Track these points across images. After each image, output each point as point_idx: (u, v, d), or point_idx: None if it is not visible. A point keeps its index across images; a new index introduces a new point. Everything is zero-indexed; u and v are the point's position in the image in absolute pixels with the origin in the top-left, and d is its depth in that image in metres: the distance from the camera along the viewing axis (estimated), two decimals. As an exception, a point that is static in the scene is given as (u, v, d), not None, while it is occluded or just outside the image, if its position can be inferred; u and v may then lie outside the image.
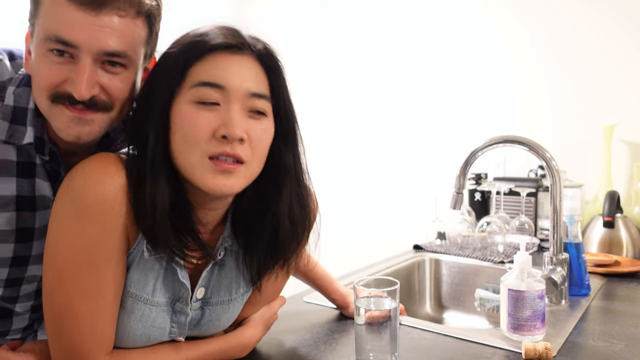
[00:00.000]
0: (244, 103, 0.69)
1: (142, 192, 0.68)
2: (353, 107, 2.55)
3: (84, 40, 0.69)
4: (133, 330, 0.72)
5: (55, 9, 0.69)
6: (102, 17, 0.69)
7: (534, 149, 1.15)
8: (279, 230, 0.77)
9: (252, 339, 0.85)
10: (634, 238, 1.57)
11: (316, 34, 2.68)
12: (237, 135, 0.66)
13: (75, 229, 0.66)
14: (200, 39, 0.69)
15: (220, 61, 0.69)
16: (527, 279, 0.92)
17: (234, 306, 0.83)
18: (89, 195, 0.66)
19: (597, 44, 1.89)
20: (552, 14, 1.98)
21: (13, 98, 0.77)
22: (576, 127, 1.94)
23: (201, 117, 0.67)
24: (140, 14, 0.73)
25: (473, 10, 2.18)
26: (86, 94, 0.70)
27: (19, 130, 0.77)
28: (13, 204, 0.78)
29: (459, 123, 2.22)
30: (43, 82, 0.71)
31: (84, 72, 0.69)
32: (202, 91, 0.67)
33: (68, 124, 0.72)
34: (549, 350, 0.84)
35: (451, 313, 1.56)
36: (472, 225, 1.74)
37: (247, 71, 0.70)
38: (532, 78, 2.04)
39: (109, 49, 0.70)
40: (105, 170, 0.67)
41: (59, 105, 0.72)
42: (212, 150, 0.67)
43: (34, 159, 0.79)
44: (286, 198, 0.76)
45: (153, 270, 0.73)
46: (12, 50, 0.81)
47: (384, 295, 0.79)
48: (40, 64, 0.71)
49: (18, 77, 0.79)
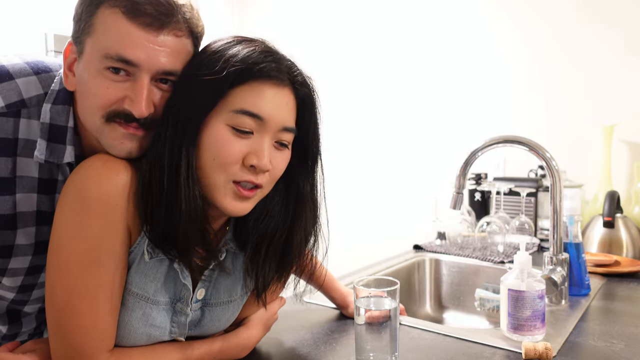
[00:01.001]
0: (275, 135, 0.72)
1: (159, 196, 0.69)
2: (353, 108, 2.55)
3: (144, 59, 0.69)
4: (134, 328, 0.73)
5: (114, 28, 0.69)
6: (162, 36, 0.70)
7: (534, 149, 1.15)
8: (288, 252, 0.80)
9: (251, 339, 0.85)
10: (634, 238, 1.57)
11: (314, 36, 2.68)
12: (267, 167, 0.70)
13: (78, 223, 0.66)
14: (246, 66, 0.69)
15: (263, 91, 0.70)
16: (527, 279, 0.92)
17: (233, 307, 0.84)
18: (93, 190, 0.66)
19: (597, 44, 1.89)
20: (552, 13, 1.98)
21: (49, 115, 0.77)
22: (576, 127, 1.94)
23: (235, 144, 0.69)
24: (192, 34, 0.75)
25: (473, 9, 2.18)
26: (146, 112, 0.71)
27: (57, 148, 0.77)
28: (33, 220, 0.79)
29: (459, 123, 2.22)
30: (100, 101, 0.71)
31: (143, 90, 0.70)
32: (241, 119, 0.69)
33: (122, 140, 0.72)
34: (549, 350, 0.84)
35: (451, 313, 1.56)
36: (472, 225, 1.74)
37: (285, 105, 0.72)
38: (532, 78, 2.04)
39: (166, 69, 0.71)
40: (110, 166, 0.69)
41: (112, 124, 0.72)
42: (239, 176, 0.69)
43: (55, 175, 0.80)
44: (299, 224, 0.79)
45: (154, 270, 0.73)
46: (36, 63, 0.80)
47: (384, 295, 0.79)
48: (95, 82, 0.71)
49: (53, 94, 0.78)
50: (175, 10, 0.71)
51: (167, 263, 0.74)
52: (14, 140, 0.76)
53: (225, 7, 2.93)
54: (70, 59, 0.75)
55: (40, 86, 0.78)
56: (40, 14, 2.16)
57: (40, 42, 2.18)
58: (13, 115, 0.75)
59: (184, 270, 0.74)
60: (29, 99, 0.77)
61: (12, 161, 0.76)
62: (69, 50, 0.76)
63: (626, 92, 1.84)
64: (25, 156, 0.77)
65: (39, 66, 0.80)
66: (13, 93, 0.76)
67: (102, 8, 0.70)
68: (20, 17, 2.13)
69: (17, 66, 0.78)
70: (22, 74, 0.77)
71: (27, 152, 0.77)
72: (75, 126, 0.78)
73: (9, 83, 0.76)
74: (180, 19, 0.71)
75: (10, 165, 0.76)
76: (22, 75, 0.77)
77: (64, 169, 0.79)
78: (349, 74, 2.56)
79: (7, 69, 0.77)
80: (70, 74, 0.76)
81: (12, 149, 0.76)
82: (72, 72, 0.75)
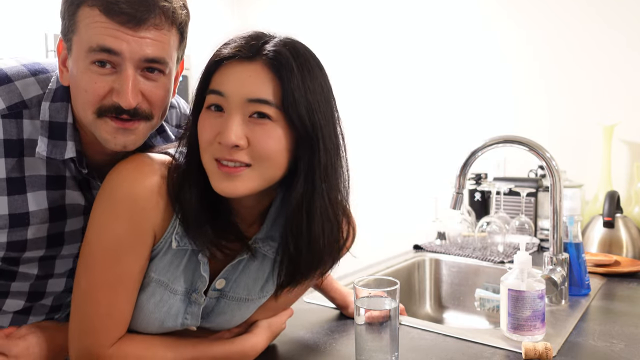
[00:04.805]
0: (244, 109, 0.69)
1: (182, 191, 0.73)
2: (353, 107, 2.55)
3: (126, 47, 0.71)
4: (149, 313, 0.76)
5: (94, 24, 0.71)
6: (142, 32, 0.72)
7: (534, 149, 1.15)
8: (291, 244, 0.75)
9: (255, 347, 0.84)
10: (634, 238, 1.57)
11: (313, 35, 2.68)
12: (231, 142, 0.67)
13: (106, 223, 0.72)
14: (218, 51, 0.72)
15: (227, 70, 0.70)
16: (527, 279, 0.92)
17: (249, 307, 0.84)
18: (122, 193, 0.71)
19: (597, 44, 1.89)
20: (552, 13, 1.98)
21: (49, 113, 0.78)
22: (576, 127, 1.94)
23: (207, 124, 0.71)
24: (174, 24, 0.76)
25: (473, 9, 2.18)
26: (133, 102, 0.73)
27: (58, 145, 0.78)
28: (47, 216, 0.81)
29: (459, 123, 2.22)
30: (89, 96, 0.74)
31: (129, 80, 0.72)
32: (210, 99, 0.71)
33: (114, 134, 0.75)
34: (549, 350, 0.84)
35: (451, 313, 1.56)
36: (472, 225, 1.74)
37: (248, 78, 0.69)
38: (532, 78, 2.04)
39: (149, 56, 0.73)
40: (140, 170, 0.73)
41: (104, 118, 0.75)
42: (216, 154, 0.70)
43: (63, 172, 0.81)
44: (296, 208, 0.73)
45: (178, 259, 0.76)
46: (32, 65, 0.81)
47: (384, 295, 0.79)
48: (84, 77, 0.73)
49: (50, 92, 0.79)
50: (152, 6, 0.72)
51: (190, 253, 0.77)
52: (19, 141, 0.77)
53: (225, 7, 2.94)
54: (63, 55, 0.77)
55: (39, 87, 0.79)
56: (40, 14, 2.16)
57: (40, 42, 2.18)
58: (15, 116, 0.76)
59: (205, 263, 0.77)
60: (29, 100, 0.78)
61: (20, 161, 0.77)
62: (61, 47, 0.78)
63: (626, 92, 1.84)
64: (31, 155, 0.78)
65: (36, 68, 0.81)
66: (13, 95, 0.77)
67: (82, 7, 0.72)
68: (20, 17, 2.13)
69: (14, 69, 0.79)
70: (20, 76, 0.79)
71: (33, 152, 0.78)
72: (74, 122, 0.80)
73: (8, 85, 0.77)
74: (158, 12, 0.73)
75: (18, 166, 0.77)
76: (21, 78, 0.78)
77: (69, 165, 0.81)
78: (349, 73, 2.56)
79: (5, 72, 0.78)
80: (64, 70, 0.78)
81: (18, 149, 0.77)
82: (65, 68, 0.77)
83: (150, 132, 0.82)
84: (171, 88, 0.81)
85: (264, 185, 0.72)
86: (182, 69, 0.87)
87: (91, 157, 0.83)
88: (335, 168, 0.76)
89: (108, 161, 0.82)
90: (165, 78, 0.78)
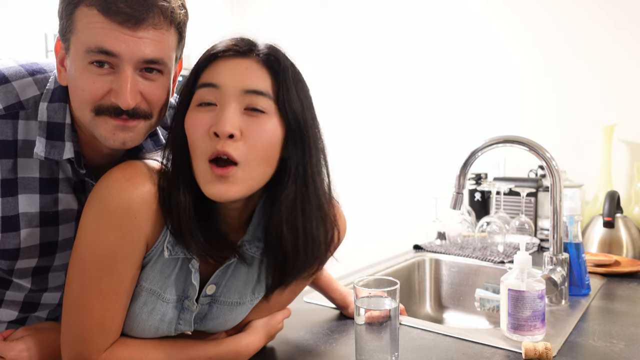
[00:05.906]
0: (240, 101, 0.68)
1: (170, 198, 0.71)
2: (353, 107, 2.55)
3: (124, 49, 0.71)
4: (143, 321, 0.76)
5: (92, 25, 0.71)
6: (140, 32, 0.71)
7: (534, 149, 1.15)
8: (284, 244, 0.75)
9: (249, 347, 0.84)
10: (634, 238, 1.57)
11: (314, 35, 2.68)
12: (226, 131, 0.66)
13: (98, 232, 0.70)
14: (207, 51, 0.72)
15: (221, 64, 0.71)
16: (527, 279, 0.92)
17: (241, 309, 0.83)
18: (113, 202, 0.69)
19: (597, 44, 1.89)
20: (552, 13, 1.98)
21: (47, 114, 0.78)
22: (576, 127, 1.94)
23: (198, 118, 0.69)
24: (173, 23, 0.76)
25: (474, 9, 2.18)
26: (131, 102, 0.73)
27: (56, 145, 0.77)
28: (37, 220, 0.80)
29: (458, 123, 2.22)
30: (87, 96, 0.73)
31: (127, 81, 0.72)
32: (200, 93, 0.70)
33: (113, 131, 0.75)
34: (549, 350, 0.84)
35: (451, 313, 1.56)
36: (472, 225, 1.74)
37: (244, 70, 0.70)
38: (531, 78, 2.04)
39: (147, 57, 0.73)
40: (130, 178, 0.70)
41: (102, 116, 0.74)
42: (208, 150, 0.67)
43: (56, 174, 0.80)
44: (290, 206, 0.73)
45: (169, 268, 0.76)
46: (30, 65, 0.81)
47: (384, 295, 0.79)
48: (82, 77, 0.73)
49: (48, 93, 0.79)
50: (150, 5, 0.71)
51: (181, 262, 0.76)
52: (13, 141, 0.76)
53: (224, 7, 2.93)
54: (61, 55, 0.77)
55: (36, 87, 0.79)
56: (40, 14, 2.16)
57: (40, 42, 2.18)
58: (11, 117, 0.76)
59: (195, 271, 0.76)
60: (26, 100, 0.77)
61: (13, 162, 0.77)
62: (59, 47, 0.77)
63: (626, 92, 1.84)
64: (25, 156, 0.77)
65: (34, 68, 0.81)
66: (10, 95, 0.76)
67: (80, 7, 0.71)
68: (20, 17, 2.13)
69: (12, 69, 0.79)
70: (17, 76, 0.78)
71: (27, 153, 0.77)
72: (72, 122, 0.79)
73: (5, 86, 0.76)
74: (156, 12, 0.72)
75: (12, 167, 0.76)
76: (18, 78, 0.78)
77: (65, 166, 0.80)
78: (349, 73, 2.56)
79: (2, 72, 0.78)
80: (62, 69, 0.77)
81: (13, 150, 0.76)
82: (64, 68, 0.77)
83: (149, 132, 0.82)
84: (170, 88, 0.81)
85: (255, 187, 0.72)
86: (181, 68, 0.87)
87: (88, 157, 0.83)
88: (320, 168, 0.77)
89: (105, 162, 0.82)
90: (164, 78, 0.78)
